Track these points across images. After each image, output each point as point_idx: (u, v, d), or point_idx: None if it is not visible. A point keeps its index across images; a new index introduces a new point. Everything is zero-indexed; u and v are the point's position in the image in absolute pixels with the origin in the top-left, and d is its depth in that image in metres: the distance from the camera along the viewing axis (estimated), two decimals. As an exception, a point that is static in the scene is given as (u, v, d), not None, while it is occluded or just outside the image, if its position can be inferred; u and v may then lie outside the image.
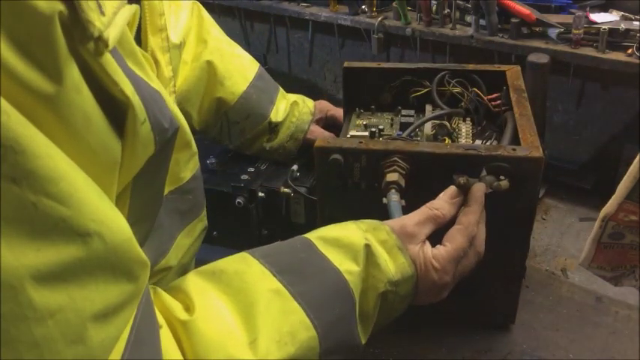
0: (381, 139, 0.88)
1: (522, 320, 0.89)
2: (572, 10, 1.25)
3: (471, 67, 0.95)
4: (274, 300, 0.53)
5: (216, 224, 1.10)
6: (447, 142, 0.85)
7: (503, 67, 0.94)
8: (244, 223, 1.05)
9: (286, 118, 1.06)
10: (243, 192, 1.02)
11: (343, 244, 0.61)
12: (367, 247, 0.61)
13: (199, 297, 0.51)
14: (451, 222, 0.69)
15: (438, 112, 0.90)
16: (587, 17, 1.19)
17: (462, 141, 0.86)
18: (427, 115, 0.89)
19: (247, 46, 1.78)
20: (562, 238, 1.11)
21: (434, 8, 1.35)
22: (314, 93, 1.33)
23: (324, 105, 1.12)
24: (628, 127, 1.24)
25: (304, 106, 1.09)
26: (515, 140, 0.79)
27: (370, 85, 0.99)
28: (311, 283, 0.56)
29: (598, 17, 1.20)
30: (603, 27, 1.15)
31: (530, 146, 0.74)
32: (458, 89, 0.92)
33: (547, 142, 1.29)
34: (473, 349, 0.85)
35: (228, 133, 1.05)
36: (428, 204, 0.69)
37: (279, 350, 0.51)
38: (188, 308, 0.50)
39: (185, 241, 0.72)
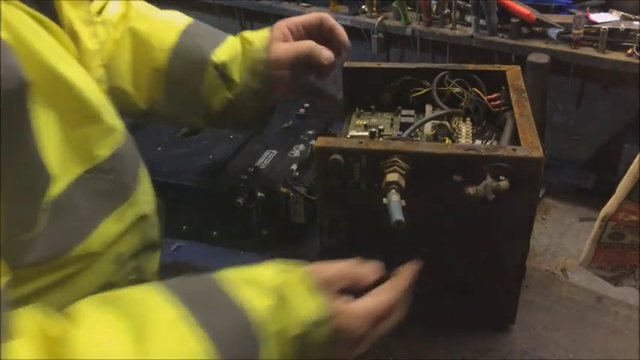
0: (381, 139, 0.87)
1: (522, 320, 0.88)
2: (572, 10, 1.25)
3: (471, 67, 0.95)
4: (176, 326, 0.50)
5: (216, 224, 1.10)
6: (447, 142, 0.85)
7: (503, 67, 0.94)
8: (244, 223, 1.05)
9: (235, 55, 0.87)
10: (243, 192, 1.02)
11: (256, 281, 0.58)
12: (281, 287, 0.58)
13: (86, 318, 0.48)
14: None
15: (438, 112, 0.90)
16: (587, 17, 1.19)
17: (462, 141, 0.86)
18: (427, 116, 0.89)
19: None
20: (562, 238, 1.10)
21: (434, 8, 1.34)
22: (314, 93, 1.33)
23: (291, 21, 0.89)
24: (628, 127, 1.24)
25: (257, 33, 0.88)
26: (515, 140, 0.78)
27: (370, 85, 0.99)
28: (218, 316, 0.53)
29: (598, 17, 1.20)
30: (603, 27, 1.15)
31: (531, 146, 0.74)
32: (458, 89, 0.92)
33: (547, 142, 1.29)
34: (473, 349, 0.85)
35: (180, 102, 0.89)
36: (354, 261, 0.66)
37: None
38: (68, 327, 0.47)
39: (114, 227, 0.65)
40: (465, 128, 0.89)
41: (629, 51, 1.14)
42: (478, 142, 0.86)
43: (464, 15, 1.33)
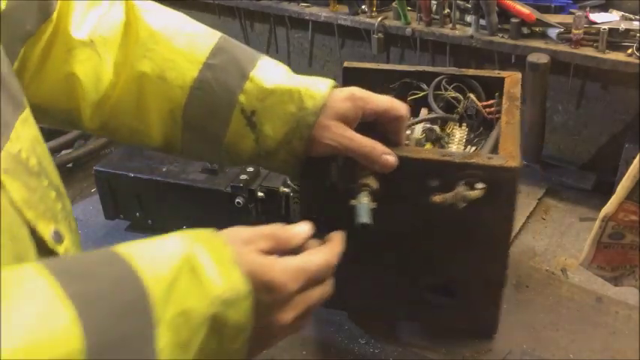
0: None
1: (522, 320, 0.88)
2: (572, 10, 1.25)
3: (470, 72, 0.93)
4: (36, 298, 0.39)
5: (216, 224, 1.10)
6: (427, 146, 0.84)
7: (503, 74, 0.92)
8: (244, 223, 1.03)
9: (271, 98, 0.71)
10: (243, 192, 1.02)
11: (155, 250, 0.49)
12: (190, 256, 0.49)
13: None
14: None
15: (425, 116, 0.89)
16: (587, 17, 1.19)
17: (453, 147, 0.86)
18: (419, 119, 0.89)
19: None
20: (562, 238, 1.10)
21: (434, 8, 1.35)
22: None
23: (358, 96, 0.73)
24: (628, 127, 1.24)
25: (315, 84, 0.73)
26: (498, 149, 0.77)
27: (369, 86, 0.98)
28: (95, 286, 0.43)
29: (598, 17, 1.20)
30: (603, 27, 1.15)
31: (508, 155, 0.72)
32: (455, 94, 0.91)
33: (547, 142, 1.29)
34: (473, 349, 0.85)
35: (202, 147, 0.75)
36: (276, 225, 0.59)
37: (26, 356, 0.36)
38: None
39: (26, 131, 0.53)
40: (459, 134, 0.88)
41: (629, 51, 1.14)
42: (470, 148, 0.85)
43: (464, 15, 1.33)
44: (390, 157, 0.70)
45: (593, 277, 0.80)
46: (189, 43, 0.72)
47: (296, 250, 0.58)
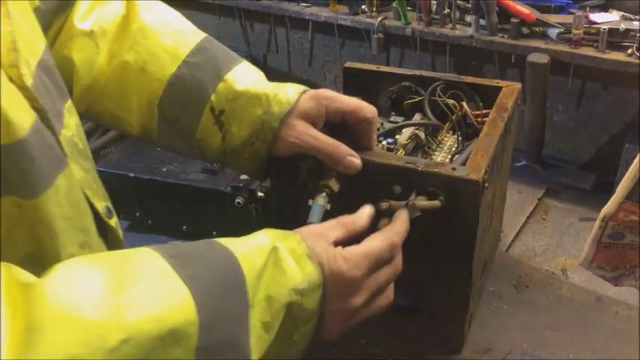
0: None
1: (522, 320, 0.88)
2: (572, 10, 1.25)
3: (469, 79, 0.92)
4: (158, 278, 0.48)
5: (216, 224, 1.10)
6: (400, 153, 0.83)
7: (501, 83, 0.90)
8: (244, 223, 1.05)
9: (240, 99, 0.73)
10: (243, 192, 1.02)
11: (249, 241, 0.57)
12: (274, 250, 0.56)
13: (62, 266, 0.46)
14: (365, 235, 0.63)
15: (405, 121, 0.88)
16: (587, 17, 1.19)
17: (439, 155, 0.85)
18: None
19: (247, 46, 1.78)
20: (562, 238, 1.10)
21: (434, 8, 1.35)
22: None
23: (322, 95, 0.74)
24: (628, 127, 1.24)
25: (283, 89, 0.74)
26: None
27: (369, 87, 0.98)
28: (203, 269, 0.51)
29: (598, 17, 1.20)
30: (603, 27, 1.15)
31: (474, 168, 0.70)
32: (451, 101, 0.89)
33: (547, 142, 1.29)
34: (473, 349, 0.85)
35: (175, 140, 0.78)
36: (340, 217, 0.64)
37: (152, 323, 0.45)
38: (40, 276, 0.44)
39: (72, 117, 0.61)
40: (450, 142, 0.88)
41: (629, 51, 1.14)
42: (456, 157, 0.84)
43: (464, 15, 1.34)
44: (354, 160, 0.70)
45: (593, 277, 0.80)
46: (175, 39, 0.76)
47: (368, 231, 0.63)
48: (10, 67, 0.55)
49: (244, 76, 0.75)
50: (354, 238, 0.62)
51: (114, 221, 0.61)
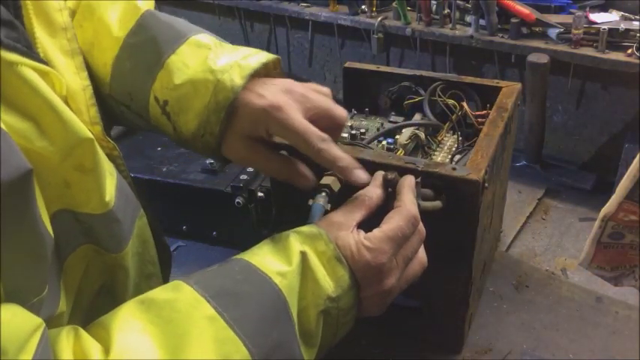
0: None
1: (522, 320, 0.88)
2: (572, 10, 1.25)
3: (469, 79, 0.92)
4: (208, 329, 0.50)
5: (216, 224, 1.10)
6: (400, 153, 0.83)
7: (501, 83, 0.90)
8: (244, 223, 1.05)
9: (181, 89, 0.64)
10: (243, 192, 1.02)
11: (278, 253, 0.58)
12: (303, 257, 0.57)
13: (120, 333, 0.48)
14: (384, 209, 0.64)
15: (405, 121, 0.88)
16: (587, 17, 1.19)
17: (439, 155, 0.85)
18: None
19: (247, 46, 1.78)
20: (562, 238, 1.10)
21: (434, 8, 1.35)
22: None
23: (302, 100, 0.70)
24: (628, 127, 1.24)
25: (222, 80, 0.64)
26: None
27: (368, 87, 0.98)
28: (247, 307, 0.53)
29: (598, 17, 1.20)
30: (603, 27, 1.15)
31: (474, 168, 0.70)
32: (451, 101, 0.89)
33: (547, 142, 1.29)
34: (473, 349, 0.85)
35: (136, 120, 0.71)
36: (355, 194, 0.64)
37: None
38: (106, 349, 0.47)
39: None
40: (450, 142, 0.88)
41: (629, 51, 1.14)
42: (457, 157, 0.83)
43: (464, 15, 1.34)
44: (305, 179, 0.68)
45: (593, 277, 0.80)
46: (118, 13, 0.68)
47: (390, 198, 0.65)
48: (92, 125, 0.58)
49: (188, 59, 0.65)
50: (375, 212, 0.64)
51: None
